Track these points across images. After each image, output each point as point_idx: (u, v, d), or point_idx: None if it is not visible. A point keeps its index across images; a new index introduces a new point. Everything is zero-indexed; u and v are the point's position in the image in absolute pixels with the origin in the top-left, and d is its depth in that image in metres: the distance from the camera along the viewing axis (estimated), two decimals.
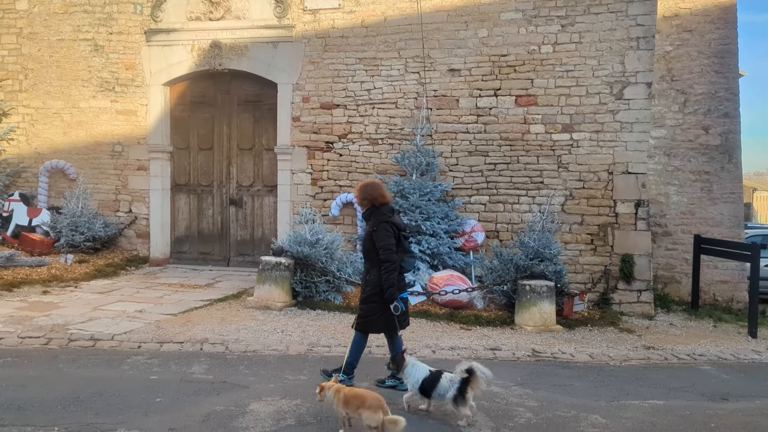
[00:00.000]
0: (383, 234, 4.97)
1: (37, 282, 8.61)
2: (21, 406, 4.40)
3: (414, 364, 4.70)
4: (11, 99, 11.15)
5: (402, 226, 5.18)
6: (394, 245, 4.97)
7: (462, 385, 4.36)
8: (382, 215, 5.07)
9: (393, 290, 4.89)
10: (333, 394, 4.23)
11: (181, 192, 11.01)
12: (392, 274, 4.91)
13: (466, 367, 4.36)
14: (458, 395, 4.35)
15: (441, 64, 9.52)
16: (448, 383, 4.45)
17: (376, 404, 4.01)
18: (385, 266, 4.94)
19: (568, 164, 9.11)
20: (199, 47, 10.35)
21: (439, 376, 4.53)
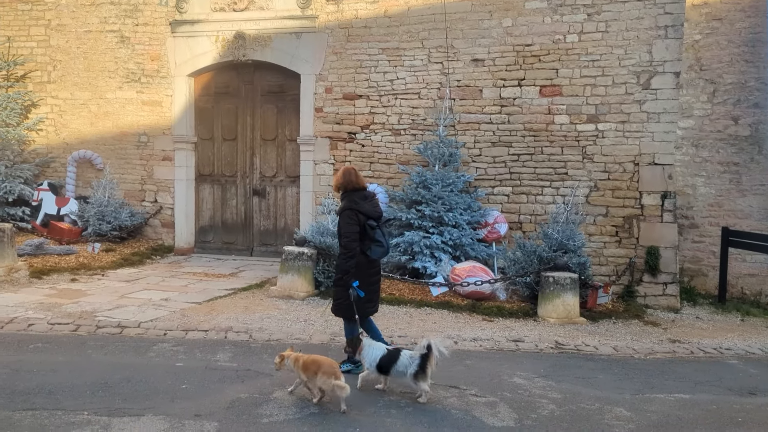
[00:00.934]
0: (345, 221, 5.05)
1: (65, 270, 8.78)
2: (51, 391, 4.50)
3: (370, 344, 4.80)
4: (40, 90, 11.34)
5: (372, 213, 5.15)
6: (354, 233, 5.01)
7: (422, 361, 4.48)
8: (351, 201, 5.10)
9: (348, 277, 4.97)
10: (293, 362, 4.52)
11: (205, 182, 11.12)
12: (349, 261, 4.98)
13: (426, 344, 4.49)
14: (419, 371, 4.48)
15: (464, 54, 9.45)
16: (408, 360, 4.56)
17: (330, 370, 4.35)
18: (342, 253, 5.06)
19: (593, 155, 9.00)
20: (223, 38, 10.41)
21: (397, 353, 4.64)
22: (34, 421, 3.95)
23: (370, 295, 5.22)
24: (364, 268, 5.10)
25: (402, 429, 4.10)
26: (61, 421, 3.96)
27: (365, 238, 5.08)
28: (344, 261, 5.03)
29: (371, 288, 5.22)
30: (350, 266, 5.00)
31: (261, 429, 4.02)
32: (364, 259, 5.11)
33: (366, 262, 5.12)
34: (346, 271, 5.01)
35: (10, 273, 8.05)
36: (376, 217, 5.21)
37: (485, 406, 4.59)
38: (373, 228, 5.13)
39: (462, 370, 5.50)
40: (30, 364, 5.05)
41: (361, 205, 5.11)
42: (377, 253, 5.17)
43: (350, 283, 4.98)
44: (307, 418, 4.24)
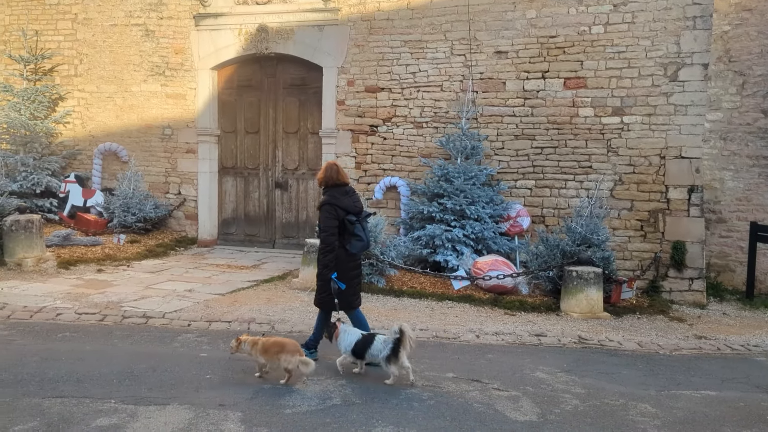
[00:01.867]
0: (324, 216, 5.18)
1: (92, 260, 8.93)
2: (80, 379, 4.58)
3: (346, 330, 4.98)
4: (67, 83, 11.52)
5: (351, 207, 5.25)
6: (333, 227, 5.13)
7: (395, 345, 4.64)
8: (330, 196, 5.23)
9: (327, 271, 5.11)
10: (250, 345, 4.70)
11: (228, 175, 11.20)
12: (327, 255, 5.12)
13: (398, 328, 4.66)
14: (391, 354, 4.65)
15: (487, 47, 9.37)
16: (381, 344, 4.73)
17: (293, 349, 4.62)
18: (320, 247, 5.20)
19: (618, 148, 8.87)
20: (246, 31, 10.45)
21: (372, 338, 4.83)
22: (63, 408, 4.03)
23: (352, 288, 5.34)
24: (344, 261, 5.22)
25: (424, 422, 4.10)
26: (89, 409, 4.04)
27: (345, 233, 5.20)
28: (323, 255, 5.17)
29: (352, 281, 5.34)
30: (329, 260, 5.14)
31: (284, 419, 4.05)
32: (343, 253, 5.22)
33: (345, 256, 5.24)
34: (326, 265, 5.14)
35: (39, 263, 8.21)
36: (356, 212, 5.30)
37: (508, 400, 4.57)
38: (352, 223, 5.23)
39: (484, 363, 5.48)
40: (58, 353, 5.15)
41: (341, 200, 5.22)
42: (356, 248, 5.27)
43: (329, 276, 5.10)
44: (329, 409, 4.27)
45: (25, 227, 8.21)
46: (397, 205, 9.79)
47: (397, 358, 4.65)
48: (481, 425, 4.10)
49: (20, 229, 8.18)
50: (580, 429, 4.13)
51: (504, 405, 4.47)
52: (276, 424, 3.96)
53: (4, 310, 6.40)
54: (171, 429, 3.80)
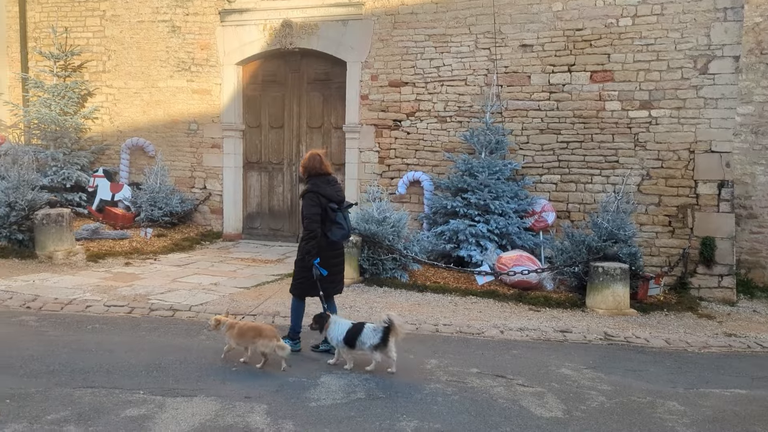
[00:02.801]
0: (307, 203, 5.28)
1: (119, 254, 9.08)
2: (109, 370, 4.67)
3: (336, 320, 5.03)
4: (95, 79, 11.70)
5: (334, 197, 5.37)
6: (316, 215, 5.24)
7: (384, 334, 4.76)
8: (313, 185, 5.34)
9: (309, 257, 5.21)
10: (227, 328, 4.88)
11: (252, 169, 11.29)
12: (310, 242, 5.22)
13: (386, 318, 4.78)
14: (380, 343, 4.77)
15: (512, 40, 9.28)
16: (371, 332, 4.83)
17: (271, 334, 4.77)
18: (304, 234, 5.30)
19: (646, 142, 8.73)
20: (270, 26, 10.50)
21: (361, 327, 4.91)
22: (93, 398, 4.11)
23: (334, 275, 5.46)
24: (325, 249, 5.33)
25: (448, 417, 4.10)
26: (118, 399, 4.11)
27: (327, 221, 5.31)
28: (305, 242, 5.27)
29: (334, 269, 5.46)
30: (311, 247, 5.24)
31: (309, 412, 4.08)
32: (324, 241, 5.33)
33: (327, 244, 5.34)
34: (308, 251, 5.25)
35: (69, 256, 8.38)
36: (338, 201, 5.42)
37: (533, 396, 4.54)
38: (334, 211, 5.34)
39: (508, 359, 5.46)
40: (88, 344, 5.26)
41: (324, 189, 5.34)
42: (337, 235, 5.38)
43: (311, 262, 5.20)
44: (353, 403, 4.29)
45: (55, 221, 8.38)
46: (420, 200, 9.77)
47: (385, 346, 4.78)
48: (506, 421, 4.08)
49: (51, 222, 8.35)
50: (607, 426, 4.09)
51: (529, 401, 4.45)
52: (301, 417, 3.99)
53: (36, 301, 6.54)
54: (198, 420, 3.85)
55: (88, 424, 3.72)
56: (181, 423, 3.79)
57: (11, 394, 4.09)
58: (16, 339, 5.30)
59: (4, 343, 5.15)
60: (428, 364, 5.18)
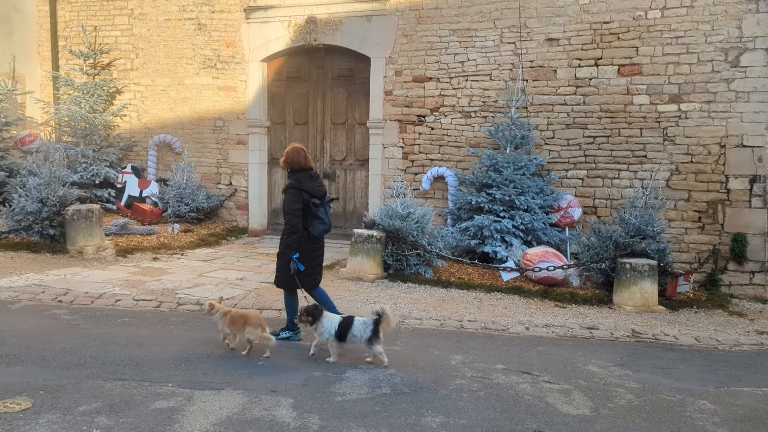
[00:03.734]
0: (289, 198, 5.38)
1: (147, 249, 9.21)
2: (138, 363, 4.75)
3: (326, 315, 5.05)
4: (124, 77, 11.88)
5: (315, 191, 5.47)
6: (298, 210, 5.35)
7: (375, 326, 4.81)
8: (296, 180, 5.44)
9: (289, 251, 5.31)
10: (220, 315, 5.08)
11: (277, 166, 11.32)
12: (291, 236, 5.33)
13: (377, 310, 4.84)
14: (373, 336, 4.82)
15: (538, 34, 9.18)
16: (362, 326, 4.89)
17: (257, 322, 4.97)
18: (284, 228, 5.39)
19: (675, 137, 8.58)
20: (295, 23, 10.54)
21: (351, 320, 4.95)
22: (123, 390, 4.19)
23: (312, 269, 5.56)
24: (305, 243, 5.44)
25: (474, 413, 4.09)
26: (147, 392, 4.18)
27: (309, 216, 5.42)
28: (286, 236, 5.36)
29: (313, 262, 5.57)
30: (292, 241, 5.35)
31: (334, 406, 4.10)
32: (305, 235, 5.44)
33: (307, 238, 5.46)
34: (288, 245, 5.35)
35: (98, 251, 8.53)
36: (320, 196, 5.51)
37: (559, 393, 4.50)
38: (316, 206, 5.45)
39: (534, 356, 5.42)
40: (118, 338, 5.35)
41: (305, 184, 5.43)
42: (318, 230, 5.48)
43: (291, 256, 5.30)
44: (379, 398, 4.30)
45: (85, 216, 8.53)
46: (444, 195, 9.74)
47: (378, 338, 4.84)
48: (532, 417, 4.05)
49: (81, 218, 8.51)
50: (635, 424, 4.04)
51: (555, 398, 4.41)
52: (327, 411, 4.01)
53: (67, 295, 6.68)
54: (226, 413, 3.90)
55: (119, 415, 3.79)
56: (209, 416, 3.84)
57: (45, 385, 4.19)
58: (49, 332, 5.42)
59: (38, 336, 5.27)
60: (453, 360, 5.17)
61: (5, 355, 4.77)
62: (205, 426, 3.70)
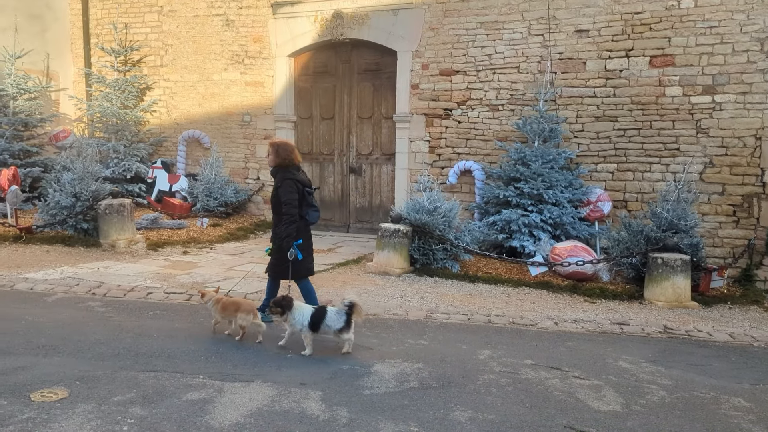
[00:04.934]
0: (287, 189, 5.56)
1: (177, 243, 9.35)
2: (170, 355, 4.83)
3: (299, 306, 5.13)
4: (153, 73, 12.05)
5: (307, 182, 5.76)
6: (296, 200, 5.55)
7: (348, 316, 4.93)
8: (288, 173, 5.63)
9: (289, 239, 5.48)
10: (213, 303, 5.30)
11: (304, 160, 11.28)
12: (291, 225, 5.50)
13: (348, 301, 4.97)
14: (345, 326, 4.94)
15: (567, 25, 9.05)
16: (335, 315, 4.97)
17: (248, 309, 5.20)
18: (285, 218, 5.54)
19: (709, 129, 8.39)
20: (322, 18, 10.56)
21: (324, 311, 5.04)
22: (156, 382, 4.26)
23: (310, 256, 5.83)
24: (303, 231, 5.68)
25: (503, 408, 4.06)
26: (179, 383, 4.25)
27: (303, 204, 5.66)
28: (287, 225, 5.52)
29: (310, 250, 5.83)
30: (292, 230, 5.51)
31: (363, 400, 4.11)
32: (302, 224, 5.68)
33: (304, 226, 5.70)
34: (289, 234, 5.50)
35: (130, 245, 8.69)
36: (309, 185, 5.81)
37: (589, 389, 4.45)
38: (310, 194, 5.74)
39: (564, 351, 5.36)
40: (150, 330, 5.44)
41: (298, 176, 5.69)
42: (314, 217, 5.78)
43: (292, 244, 5.47)
44: (406, 392, 4.30)
45: (117, 211, 8.69)
46: (471, 189, 9.68)
47: (349, 327, 4.96)
48: (562, 413, 4.01)
49: (113, 212, 8.68)
50: (668, 422, 3.97)
51: (586, 394, 4.36)
52: (355, 404, 4.02)
53: (100, 288, 6.82)
54: (255, 405, 3.94)
55: (152, 406, 3.85)
56: (239, 407, 3.89)
57: (81, 376, 4.28)
58: (83, 323, 5.54)
59: (74, 327, 5.39)
60: (481, 355, 5.15)
61: (43, 345, 4.90)
62: (235, 418, 3.74)
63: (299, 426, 3.67)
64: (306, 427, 3.66)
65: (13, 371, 4.31)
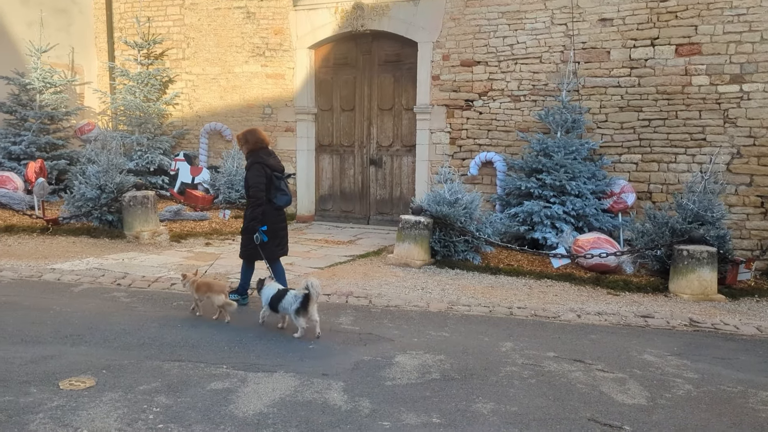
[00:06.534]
0: (254, 174, 5.72)
1: (200, 234, 9.45)
2: (194, 345, 4.88)
3: (269, 285, 5.39)
4: (176, 66, 12.15)
5: (277, 167, 5.88)
6: (263, 183, 5.69)
7: (304, 299, 5.01)
8: (258, 157, 5.78)
9: (255, 223, 5.65)
10: (190, 284, 5.59)
11: (324, 152, 11.44)
12: (257, 209, 5.67)
13: (306, 284, 5.03)
14: (300, 308, 5.03)
15: (591, 14, 8.91)
16: (292, 298, 5.10)
17: (219, 289, 5.45)
18: (251, 201, 5.74)
19: (736, 119, 8.22)
20: (342, 9, 10.54)
21: (285, 293, 5.21)
22: (180, 371, 4.31)
23: (278, 240, 5.93)
24: (271, 215, 5.80)
25: (525, 400, 4.04)
26: (203, 373, 4.30)
27: (271, 188, 5.78)
28: (252, 209, 5.70)
29: (278, 233, 5.92)
30: (258, 213, 5.68)
31: (384, 391, 4.12)
32: (270, 207, 5.79)
33: (272, 210, 5.82)
34: (254, 218, 5.67)
35: (154, 236, 8.79)
36: (280, 170, 5.91)
37: (613, 382, 4.41)
38: (278, 179, 5.84)
39: (587, 344, 5.32)
40: (174, 320, 5.51)
41: (267, 160, 5.81)
42: (282, 201, 5.87)
43: (258, 228, 5.65)
44: (428, 383, 4.30)
45: (141, 203, 8.80)
46: (492, 181, 9.62)
47: (306, 311, 5.03)
48: (586, 406, 3.98)
49: (137, 204, 8.78)
50: (695, 415, 3.92)
51: (609, 387, 4.32)
52: (377, 395, 4.03)
53: (125, 278, 6.92)
54: (278, 395, 3.97)
55: (176, 395, 3.91)
56: (262, 397, 3.92)
57: (107, 365, 4.35)
58: (109, 313, 5.63)
59: (100, 317, 5.48)
60: (503, 347, 5.13)
61: (70, 335, 4.99)
62: (259, 407, 3.78)
63: (322, 416, 3.69)
64: (329, 417, 3.68)
65: (42, 360, 4.40)
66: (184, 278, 5.72)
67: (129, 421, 3.53)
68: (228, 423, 3.56)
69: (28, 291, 6.32)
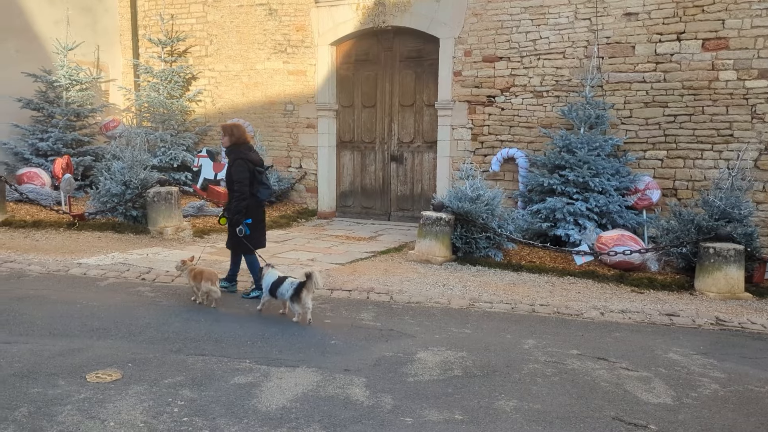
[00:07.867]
0: (238, 169, 5.93)
1: (222, 230, 9.48)
2: (217, 339, 4.93)
3: (269, 272, 5.65)
4: (198, 64, 12.25)
5: (258, 161, 6.10)
6: (247, 178, 5.91)
7: (299, 287, 5.26)
8: (240, 152, 6.00)
9: (239, 216, 5.90)
10: (188, 272, 5.88)
11: (345, 149, 11.46)
12: (241, 202, 5.90)
13: (306, 272, 5.25)
14: (294, 295, 5.28)
15: (615, 8, 8.79)
16: (288, 285, 5.37)
17: (208, 277, 5.72)
18: (236, 195, 5.96)
19: (764, 114, 8.06)
20: (363, 5, 10.53)
21: (283, 280, 5.46)
22: (204, 365, 4.36)
23: (259, 232, 6.20)
24: (254, 208, 6.07)
25: (548, 398, 4.02)
26: (227, 367, 4.34)
27: (254, 182, 6.00)
28: (237, 203, 5.92)
29: (259, 225, 6.19)
30: (242, 207, 5.92)
31: (406, 387, 4.12)
32: (254, 201, 6.05)
33: (255, 203, 6.08)
34: (239, 211, 5.91)
35: (177, 232, 8.89)
36: (261, 164, 6.14)
37: (638, 381, 4.36)
38: (261, 173, 6.07)
39: (610, 342, 5.26)
40: (198, 315, 5.57)
41: (249, 155, 6.04)
42: (264, 194, 6.13)
43: (242, 221, 5.88)
44: (450, 380, 4.29)
45: (165, 198, 8.90)
46: (514, 177, 9.56)
47: (299, 298, 5.26)
48: (610, 405, 3.94)
49: (161, 200, 8.89)
50: (721, 415, 3.86)
51: (634, 385, 4.27)
52: (399, 392, 4.04)
53: (149, 273, 7.01)
54: (301, 390, 3.99)
55: (201, 389, 3.95)
56: (285, 392, 3.95)
57: (133, 358, 4.42)
58: (134, 308, 5.71)
59: (125, 312, 5.56)
60: (525, 344, 5.10)
61: (97, 328, 5.07)
62: (281, 402, 3.80)
63: (344, 411, 3.71)
64: (351, 412, 3.70)
65: (69, 353, 4.48)
66: (183, 264, 5.97)
67: (154, 414, 3.58)
68: (251, 417, 3.59)
69: (56, 285, 6.44)
